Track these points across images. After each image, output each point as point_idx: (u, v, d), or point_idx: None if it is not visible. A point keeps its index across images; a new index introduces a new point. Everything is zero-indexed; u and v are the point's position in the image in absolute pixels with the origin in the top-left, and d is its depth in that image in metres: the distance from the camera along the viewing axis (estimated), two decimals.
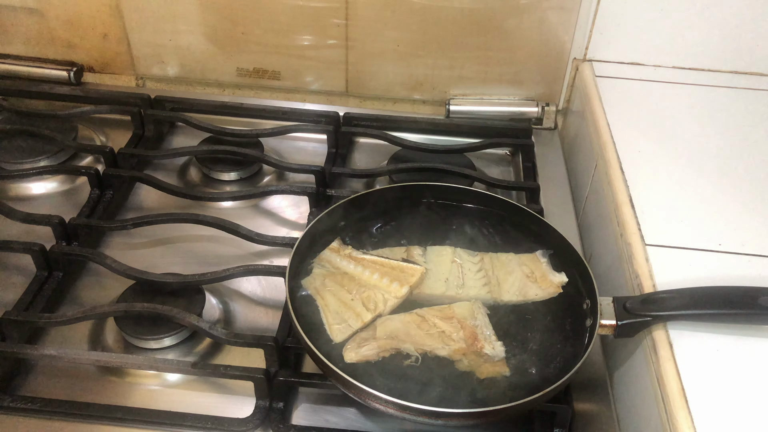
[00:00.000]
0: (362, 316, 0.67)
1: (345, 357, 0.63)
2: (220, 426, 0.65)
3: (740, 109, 0.96)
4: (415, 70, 1.07)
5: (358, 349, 0.64)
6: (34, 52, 1.11)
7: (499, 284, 0.71)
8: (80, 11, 1.06)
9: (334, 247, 0.74)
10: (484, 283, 0.71)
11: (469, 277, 0.72)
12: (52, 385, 0.69)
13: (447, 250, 0.75)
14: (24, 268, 0.80)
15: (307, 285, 0.71)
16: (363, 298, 0.69)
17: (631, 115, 0.93)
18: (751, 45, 0.99)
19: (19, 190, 0.93)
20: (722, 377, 0.59)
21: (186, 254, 0.85)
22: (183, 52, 1.09)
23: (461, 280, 0.72)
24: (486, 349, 0.64)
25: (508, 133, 1.05)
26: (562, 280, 0.71)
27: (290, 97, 1.12)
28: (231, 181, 0.97)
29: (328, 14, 1.02)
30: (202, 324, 0.69)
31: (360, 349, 0.64)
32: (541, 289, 0.70)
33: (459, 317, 0.67)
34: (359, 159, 1.04)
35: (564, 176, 0.99)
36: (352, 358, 0.63)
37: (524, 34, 1.01)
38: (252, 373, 0.66)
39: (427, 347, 0.64)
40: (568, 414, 0.65)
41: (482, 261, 0.74)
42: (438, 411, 0.58)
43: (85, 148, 0.98)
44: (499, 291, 0.71)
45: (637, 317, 0.64)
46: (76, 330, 0.74)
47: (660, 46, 1.01)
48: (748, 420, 0.56)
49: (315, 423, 0.67)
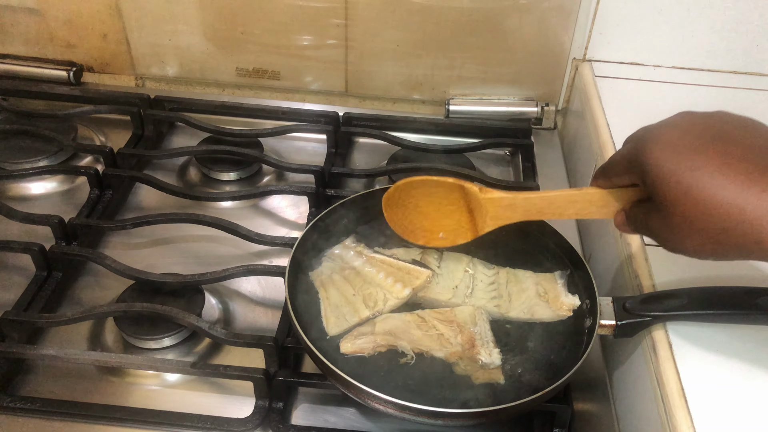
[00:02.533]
0: (360, 312, 0.67)
1: (341, 347, 0.64)
2: (219, 426, 0.65)
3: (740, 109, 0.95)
4: (414, 70, 1.07)
5: (355, 341, 0.64)
6: (33, 52, 1.11)
7: (510, 300, 0.70)
8: (80, 11, 1.06)
9: (347, 244, 0.74)
10: (493, 296, 0.70)
11: (479, 288, 0.71)
12: (52, 385, 0.69)
13: (463, 258, 0.74)
14: (23, 268, 0.80)
15: (314, 277, 0.71)
16: (364, 295, 0.68)
17: (630, 115, 0.92)
18: (750, 45, 0.99)
19: (18, 190, 0.93)
20: (721, 377, 0.59)
21: (185, 254, 0.85)
22: (182, 52, 1.09)
23: (470, 289, 0.71)
24: (482, 356, 0.64)
25: (507, 133, 1.05)
26: (573, 303, 0.69)
27: (290, 97, 1.12)
28: (230, 181, 0.97)
29: (328, 14, 1.02)
30: (202, 324, 0.69)
31: (356, 341, 0.64)
32: (550, 310, 0.69)
33: (459, 321, 0.67)
34: (359, 159, 1.04)
35: (564, 176, 0.99)
36: (347, 348, 0.63)
37: (524, 35, 1.01)
38: (251, 373, 0.66)
39: (423, 347, 0.64)
40: (568, 414, 0.65)
41: (497, 274, 0.73)
42: (438, 411, 0.58)
43: (84, 148, 0.98)
44: (508, 306, 0.69)
45: (637, 317, 0.64)
46: (75, 330, 0.74)
47: (660, 46, 1.01)
48: (748, 420, 0.56)
49: (314, 423, 0.67)
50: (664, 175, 0.50)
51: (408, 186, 0.68)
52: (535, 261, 0.74)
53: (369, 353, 0.63)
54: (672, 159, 0.50)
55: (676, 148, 0.51)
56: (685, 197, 0.49)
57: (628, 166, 0.55)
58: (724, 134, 0.51)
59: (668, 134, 0.52)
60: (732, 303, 0.62)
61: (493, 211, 0.64)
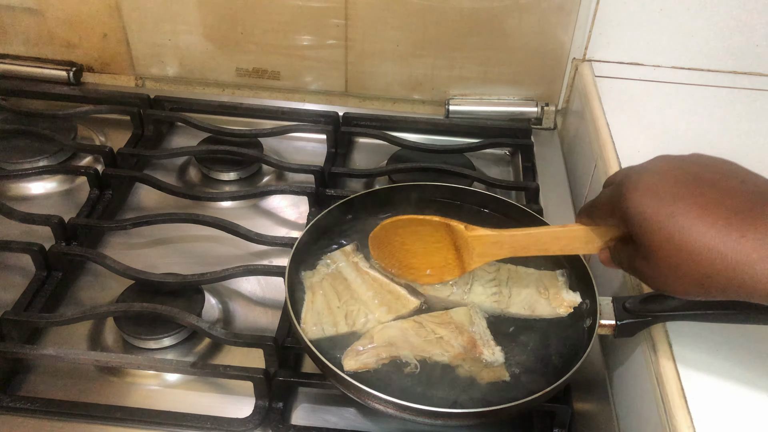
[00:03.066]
0: (338, 326, 0.66)
1: (344, 365, 0.62)
2: (219, 426, 0.65)
3: (740, 109, 0.96)
4: (414, 70, 1.07)
5: (357, 357, 0.63)
6: (33, 52, 1.11)
7: (510, 296, 0.70)
8: (79, 11, 1.06)
9: (347, 251, 0.74)
10: (493, 292, 0.70)
11: (478, 284, 0.71)
12: (51, 385, 0.69)
13: None
14: (23, 268, 0.80)
15: (305, 277, 0.71)
16: (348, 311, 0.68)
17: (630, 115, 0.93)
18: (750, 45, 0.99)
19: (18, 190, 0.93)
20: (721, 377, 0.59)
21: (185, 254, 0.85)
22: (182, 52, 1.09)
23: (469, 285, 0.71)
24: (485, 355, 0.64)
25: (507, 133, 1.05)
26: (574, 300, 0.69)
27: (290, 97, 1.12)
28: (230, 181, 0.97)
29: (328, 14, 1.02)
30: (202, 324, 0.69)
31: (359, 357, 0.63)
32: (550, 307, 0.69)
33: (457, 323, 0.66)
34: (359, 159, 1.04)
35: (563, 176, 0.99)
36: (351, 366, 0.62)
37: (524, 35, 1.02)
38: (251, 373, 0.66)
39: (425, 353, 0.64)
40: (568, 414, 0.65)
41: (498, 271, 0.73)
42: (438, 411, 0.58)
43: (84, 148, 0.98)
44: (508, 302, 0.69)
45: (637, 317, 0.64)
46: (75, 330, 0.74)
47: (659, 46, 1.01)
48: (747, 420, 0.56)
49: (314, 423, 0.67)
50: (645, 222, 0.51)
51: (394, 225, 0.68)
52: (536, 260, 0.75)
53: (373, 367, 0.63)
54: (652, 206, 0.51)
55: (655, 195, 0.51)
56: (668, 244, 0.50)
57: (610, 210, 0.56)
58: (700, 178, 0.52)
59: (647, 181, 0.53)
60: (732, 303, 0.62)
61: (479, 249, 0.65)
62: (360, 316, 0.67)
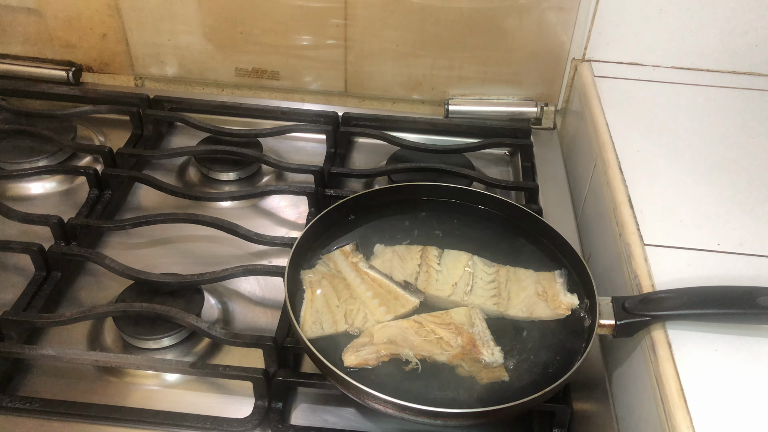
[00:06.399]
0: (338, 324, 0.67)
1: (345, 361, 0.63)
2: (218, 426, 0.65)
3: (740, 109, 0.96)
4: (414, 70, 1.07)
5: (358, 353, 0.63)
6: (32, 52, 1.11)
7: (509, 298, 0.70)
8: (79, 11, 1.06)
9: (346, 251, 0.74)
10: (493, 294, 0.70)
11: (479, 286, 0.71)
12: (51, 385, 0.69)
13: (463, 256, 0.74)
14: (23, 268, 0.80)
15: (304, 275, 0.71)
16: (347, 310, 0.68)
17: (630, 115, 0.93)
18: (750, 45, 0.99)
19: (17, 190, 0.93)
20: (721, 377, 0.59)
21: (185, 254, 0.85)
22: (182, 52, 1.09)
23: (470, 287, 0.71)
24: (485, 356, 0.64)
25: (507, 133, 1.05)
26: (572, 302, 0.69)
27: (289, 97, 1.12)
28: (230, 181, 0.97)
29: (327, 14, 1.02)
30: (201, 324, 0.69)
31: (359, 353, 0.63)
32: (549, 309, 0.69)
33: (457, 323, 0.67)
34: (358, 159, 1.04)
35: (563, 176, 0.99)
36: (351, 361, 0.63)
37: (523, 35, 1.02)
38: (251, 373, 0.66)
39: (425, 353, 0.64)
40: (567, 414, 0.65)
41: (497, 273, 0.73)
42: (437, 411, 0.58)
43: (83, 148, 0.98)
44: (507, 305, 0.70)
45: (636, 317, 0.64)
46: (74, 330, 0.74)
47: (659, 46, 1.01)
48: (747, 420, 0.56)
49: (314, 423, 0.67)
50: None
51: None
52: (536, 260, 0.75)
53: (373, 364, 0.63)
54: None
55: None
56: None
57: None
58: None
59: None
60: (731, 303, 0.62)
61: None
62: (359, 315, 0.67)
